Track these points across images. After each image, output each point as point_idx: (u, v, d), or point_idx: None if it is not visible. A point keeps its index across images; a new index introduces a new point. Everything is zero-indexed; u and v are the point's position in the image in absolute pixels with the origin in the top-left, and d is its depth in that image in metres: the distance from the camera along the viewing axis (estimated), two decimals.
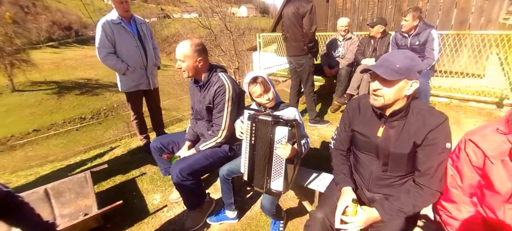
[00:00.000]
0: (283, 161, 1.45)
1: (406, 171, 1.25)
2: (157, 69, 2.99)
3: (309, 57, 3.23)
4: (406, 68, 1.09)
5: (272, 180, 1.50)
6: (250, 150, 1.54)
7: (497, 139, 0.99)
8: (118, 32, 2.52)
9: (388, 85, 1.12)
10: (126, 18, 2.59)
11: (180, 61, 1.74)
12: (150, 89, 2.87)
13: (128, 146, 3.42)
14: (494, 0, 4.01)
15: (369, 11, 5.29)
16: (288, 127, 1.40)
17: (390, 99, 1.15)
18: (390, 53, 1.19)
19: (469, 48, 4.00)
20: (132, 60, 2.63)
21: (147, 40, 2.76)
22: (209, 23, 17.75)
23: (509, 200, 1.00)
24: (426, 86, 3.09)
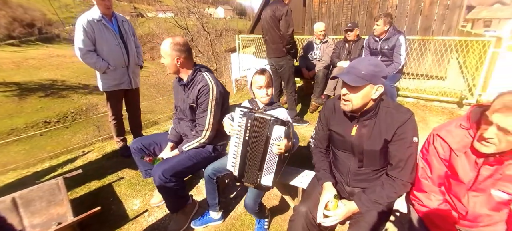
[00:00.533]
0: (276, 158, 1.51)
1: (380, 165, 1.35)
2: (139, 68, 2.94)
3: (289, 58, 3.32)
4: (370, 75, 1.18)
5: (264, 176, 1.55)
6: (244, 146, 1.56)
7: (460, 133, 1.12)
8: (98, 30, 2.44)
9: (355, 90, 1.21)
10: (108, 16, 2.52)
11: (162, 57, 1.77)
12: (132, 88, 2.81)
13: (102, 150, 3.26)
14: (454, 9, 4.41)
15: (343, 16, 5.56)
16: (285, 127, 1.45)
17: (358, 103, 1.23)
18: (357, 60, 1.27)
19: (433, 52, 4.38)
20: (113, 58, 2.56)
21: (129, 38, 2.71)
22: (185, 23, 17.39)
23: (472, 188, 1.13)
24: (392, 89, 3.33)
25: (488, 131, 0.97)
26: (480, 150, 1.02)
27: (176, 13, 18.86)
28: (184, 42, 1.77)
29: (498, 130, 0.94)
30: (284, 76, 3.44)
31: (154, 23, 24.81)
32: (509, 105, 0.91)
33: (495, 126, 0.95)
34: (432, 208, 1.19)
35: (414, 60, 4.44)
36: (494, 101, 0.97)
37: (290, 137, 1.49)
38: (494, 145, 0.98)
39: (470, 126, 1.09)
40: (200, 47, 17.33)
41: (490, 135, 0.96)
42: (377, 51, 3.38)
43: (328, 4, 5.70)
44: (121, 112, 2.90)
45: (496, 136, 0.96)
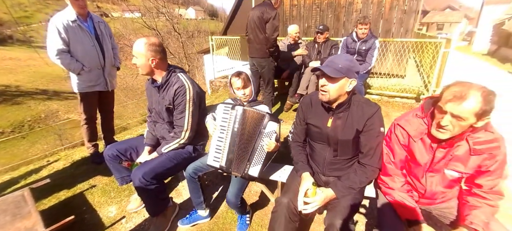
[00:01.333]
0: (265, 152, 1.62)
1: (352, 154, 1.50)
2: (116, 70, 2.87)
3: (271, 60, 3.40)
4: (346, 68, 1.32)
5: (252, 167, 1.64)
6: (232, 137, 1.65)
7: (416, 122, 1.28)
8: (72, 31, 2.37)
9: (332, 81, 1.34)
10: (83, 16, 2.45)
11: (134, 57, 1.72)
12: (107, 90, 2.73)
13: (70, 158, 3.06)
14: (410, 14, 4.87)
15: (313, 19, 5.84)
16: (278, 124, 1.58)
17: (334, 94, 1.36)
18: (334, 56, 1.42)
19: (393, 53, 4.78)
20: (87, 59, 2.49)
21: (105, 39, 2.65)
22: (155, 24, 16.80)
23: (428, 169, 1.30)
24: (361, 87, 3.62)
25: (444, 119, 1.11)
26: (438, 137, 1.18)
27: (144, 13, 18.10)
28: (159, 43, 1.76)
29: (452, 117, 1.10)
30: (264, 76, 3.51)
31: (120, 23, 23.50)
32: (458, 95, 1.07)
33: (449, 114, 1.10)
34: (396, 189, 1.34)
35: (377, 60, 4.81)
36: (443, 93, 1.14)
37: (278, 136, 1.62)
38: (449, 131, 1.13)
39: (424, 115, 1.26)
40: (171, 48, 16.84)
41: (445, 123, 1.11)
42: (354, 51, 3.67)
43: (298, 7, 5.94)
44: (95, 115, 2.78)
45: (450, 123, 1.11)
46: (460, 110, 1.06)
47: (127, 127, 10.31)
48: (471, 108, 1.05)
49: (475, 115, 1.06)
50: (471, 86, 1.07)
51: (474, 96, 1.04)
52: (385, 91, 4.61)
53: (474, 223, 1.17)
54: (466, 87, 1.07)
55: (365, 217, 2.01)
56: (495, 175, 1.20)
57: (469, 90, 1.06)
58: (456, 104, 1.06)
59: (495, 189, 1.21)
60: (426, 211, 1.45)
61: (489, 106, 1.04)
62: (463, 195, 1.32)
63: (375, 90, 4.71)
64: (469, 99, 1.04)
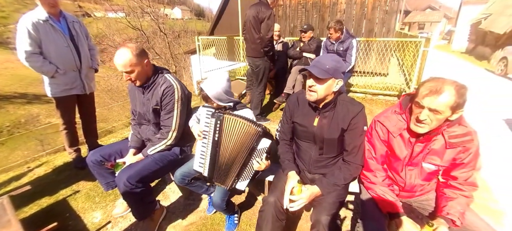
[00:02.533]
0: (255, 168, 1.56)
1: (337, 152, 1.54)
2: (94, 72, 2.74)
3: (265, 59, 3.40)
4: (333, 69, 1.35)
5: (240, 181, 1.61)
6: (213, 146, 1.58)
7: (395, 118, 1.34)
8: (44, 31, 2.24)
9: (320, 82, 1.37)
10: (54, 15, 2.32)
11: (128, 72, 1.63)
12: (85, 93, 2.61)
13: (51, 163, 2.96)
14: (391, 14, 5.04)
15: (298, 19, 5.92)
16: (271, 140, 1.51)
17: (322, 94, 1.39)
18: (322, 57, 1.45)
19: (376, 52, 4.92)
20: (62, 61, 2.36)
21: (81, 40, 2.52)
22: (139, 24, 16.42)
23: (407, 163, 1.36)
24: (343, 87, 3.71)
25: (422, 114, 1.17)
26: (417, 131, 1.22)
27: (129, 13, 17.65)
28: (139, 46, 1.73)
29: (429, 111, 1.15)
30: (258, 76, 3.51)
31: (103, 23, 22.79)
32: (433, 89, 1.12)
33: (427, 109, 1.15)
34: (377, 184, 1.39)
35: (361, 59, 4.95)
36: (420, 89, 1.19)
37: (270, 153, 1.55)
38: (427, 124, 1.18)
39: (403, 112, 1.32)
40: (157, 49, 16.52)
41: (424, 117, 1.17)
42: (334, 52, 3.75)
43: (284, 7, 6.01)
44: (73, 120, 2.66)
45: (428, 117, 1.16)
46: (436, 104, 1.11)
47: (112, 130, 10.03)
48: (446, 101, 1.10)
49: (450, 108, 1.12)
50: (445, 81, 1.13)
51: (448, 90, 1.10)
52: (369, 89, 4.74)
53: (450, 213, 1.23)
54: (440, 82, 1.13)
55: (352, 213, 2.06)
56: (469, 167, 1.27)
57: (443, 84, 1.11)
58: (433, 98, 1.12)
59: (469, 181, 1.28)
60: (406, 204, 1.51)
61: (462, 99, 1.11)
62: (440, 187, 1.38)
63: (359, 88, 4.84)
64: (444, 93, 1.10)
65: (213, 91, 1.59)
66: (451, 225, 1.21)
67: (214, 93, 1.59)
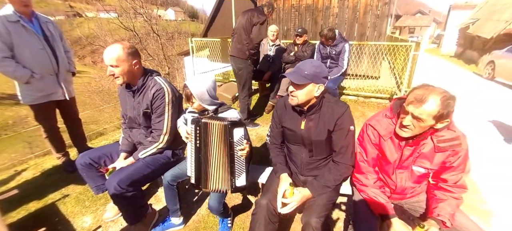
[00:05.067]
0: (243, 159, 1.56)
1: (327, 153, 1.55)
2: (71, 75, 2.58)
3: (249, 63, 3.39)
4: (312, 75, 1.36)
5: (237, 178, 1.58)
6: (196, 153, 1.56)
7: (386, 122, 1.36)
8: (16, 32, 2.06)
9: (299, 88, 1.38)
10: (26, 15, 2.13)
11: (113, 66, 1.60)
12: (65, 99, 2.46)
13: (40, 167, 2.88)
14: (383, 18, 5.13)
15: (292, 22, 5.97)
16: (243, 127, 1.51)
17: (302, 99, 1.40)
18: (302, 62, 1.45)
19: (368, 55, 5.00)
20: (37, 65, 2.20)
21: (56, 41, 2.36)
22: (132, 25, 16.26)
23: (398, 166, 1.38)
24: (335, 90, 3.75)
25: (406, 119, 1.20)
26: (400, 135, 1.26)
27: (121, 13, 17.45)
28: (133, 46, 1.71)
29: (412, 118, 1.18)
30: (240, 79, 3.50)
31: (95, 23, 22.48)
32: (418, 98, 1.14)
33: (410, 115, 1.18)
34: (369, 186, 1.41)
35: (353, 62, 5.02)
36: (408, 95, 1.21)
37: (248, 137, 1.58)
38: (410, 130, 1.21)
39: (393, 116, 1.34)
40: (150, 50, 16.39)
41: (407, 123, 1.19)
42: (327, 55, 3.79)
43: (277, 10, 6.04)
44: (55, 125, 2.52)
45: (411, 123, 1.19)
46: (419, 112, 1.14)
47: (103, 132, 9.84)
48: (429, 111, 1.12)
49: (433, 117, 1.14)
50: (433, 90, 1.14)
51: (433, 100, 1.11)
52: (361, 92, 4.80)
53: (441, 215, 1.25)
54: (428, 91, 1.14)
55: (344, 214, 2.08)
56: (459, 170, 1.29)
57: (430, 94, 1.13)
58: (416, 106, 1.14)
59: (459, 183, 1.30)
60: (398, 206, 1.53)
61: (446, 110, 1.12)
62: (431, 189, 1.40)
63: (352, 91, 4.90)
64: (428, 102, 1.12)
65: (197, 90, 1.57)
66: (441, 226, 1.23)
67: (197, 92, 1.57)
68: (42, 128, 2.46)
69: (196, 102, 1.59)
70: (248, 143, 1.56)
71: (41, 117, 2.39)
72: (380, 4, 5.05)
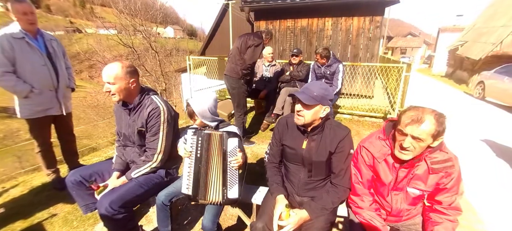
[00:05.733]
0: (236, 170, 1.60)
1: (325, 174, 1.56)
2: (71, 91, 2.64)
3: (242, 82, 3.44)
4: (321, 96, 1.40)
5: (229, 189, 1.60)
6: (196, 163, 1.60)
7: (379, 144, 1.37)
8: (20, 48, 2.14)
9: (308, 108, 1.41)
10: (31, 32, 2.23)
11: (110, 83, 1.62)
12: (62, 114, 2.49)
13: (28, 184, 2.80)
14: (374, 40, 5.31)
15: (287, 42, 6.14)
16: (237, 137, 1.58)
17: (309, 119, 1.43)
18: (311, 83, 1.51)
19: (361, 75, 5.12)
20: (38, 80, 2.26)
21: (58, 58, 2.44)
22: (131, 42, 16.45)
23: (393, 188, 1.38)
24: (330, 109, 3.81)
25: (406, 141, 1.21)
26: (402, 158, 1.26)
27: (121, 30, 17.72)
28: (132, 64, 1.74)
29: (412, 139, 1.19)
30: (234, 98, 3.54)
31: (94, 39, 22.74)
32: (415, 119, 1.17)
33: (410, 136, 1.19)
34: (364, 208, 1.40)
35: (347, 82, 5.12)
36: (401, 117, 1.23)
37: (242, 147, 1.62)
38: (411, 152, 1.22)
39: (386, 138, 1.36)
40: (148, 66, 16.48)
41: (407, 144, 1.20)
42: (322, 75, 3.88)
43: (274, 31, 6.22)
44: (49, 141, 2.52)
45: (411, 144, 1.20)
46: (419, 132, 1.16)
47: (96, 147, 9.69)
48: (427, 130, 1.15)
49: (432, 136, 1.16)
50: (424, 110, 1.18)
51: (429, 119, 1.15)
52: (355, 111, 4.87)
53: None
54: (420, 111, 1.18)
55: None
56: (452, 192, 1.30)
57: (423, 114, 1.16)
58: (415, 126, 1.16)
59: (453, 205, 1.31)
60: (394, 229, 1.51)
61: (441, 127, 1.16)
62: (426, 211, 1.40)
63: (347, 109, 4.97)
64: (425, 121, 1.15)
65: (199, 108, 1.67)
66: None
67: (199, 110, 1.67)
68: (36, 142, 2.45)
69: (198, 119, 1.69)
70: (242, 155, 1.60)
71: (36, 131, 2.40)
72: (372, 27, 5.24)
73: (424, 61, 33.17)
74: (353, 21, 5.37)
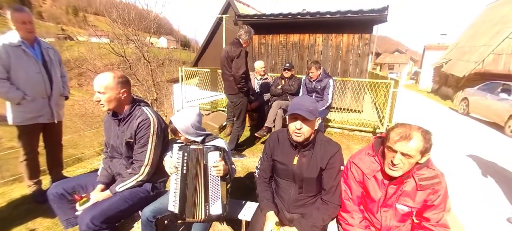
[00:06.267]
0: (218, 184, 1.55)
1: (316, 191, 1.54)
2: (64, 99, 2.66)
3: (241, 96, 3.43)
4: (315, 110, 1.43)
5: (211, 205, 1.54)
6: (182, 180, 1.56)
7: (368, 160, 1.38)
8: (15, 56, 2.17)
9: (308, 123, 1.42)
10: (29, 41, 2.27)
11: (100, 93, 1.60)
12: (53, 122, 2.48)
13: (7, 196, 2.66)
14: (363, 57, 5.47)
15: (279, 57, 6.25)
16: (219, 151, 1.54)
17: (308, 134, 1.45)
18: (300, 99, 1.52)
19: (351, 90, 5.23)
20: (31, 87, 2.27)
21: (54, 66, 2.46)
22: (123, 51, 16.33)
23: (382, 205, 1.38)
24: (321, 123, 3.86)
25: (396, 158, 1.22)
26: (392, 175, 1.27)
27: (113, 39, 17.58)
28: (124, 75, 1.72)
29: (402, 155, 1.21)
30: (236, 111, 3.54)
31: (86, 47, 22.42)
32: (404, 135, 1.19)
33: (400, 153, 1.21)
34: (355, 226, 1.39)
35: (338, 96, 5.22)
36: (390, 134, 1.25)
37: (226, 161, 1.58)
38: (401, 168, 1.24)
39: (375, 154, 1.37)
40: (139, 76, 16.32)
41: (397, 161, 1.22)
42: (313, 89, 3.95)
43: (266, 45, 6.33)
44: (37, 149, 2.48)
45: (401, 161, 1.22)
46: (407, 148, 1.18)
47: (82, 158, 9.37)
48: (416, 146, 1.18)
49: (420, 152, 1.19)
50: (411, 127, 1.21)
51: (416, 136, 1.18)
52: (345, 125, 4.94)
53: None
54: (407, 128, 1.21)
55: None
56: (440, 209, 1.31)
57: (411, 131, 1.19)
58: (404, 143, 1.18)
59: (441, 222, 1.31)
60: None
61: (428, 143, 1.19)
62: (415, 228, 1.40)
63: (337, 123, 5.03)
64: (413, 138, 1.18)
65: (182, 124, 1.63)
66: None
67: (182, 126, 1.63)
68: (23, 150, 2.41)
69: (182, 136, 1.65)
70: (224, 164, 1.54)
71: (25, 139, 2.38)
72: (361, 44, 5.41)
73: (411, 77, 34.31)
74: (343, 38, 5.53)
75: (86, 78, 21.99)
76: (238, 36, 3.32)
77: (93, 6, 77.11)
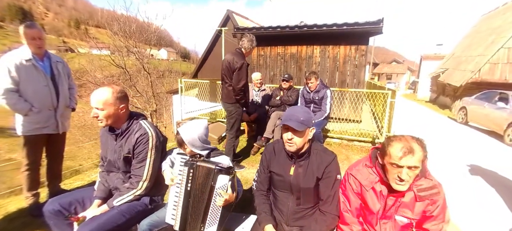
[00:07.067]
0: (220, 209, 1.48)
1: (314, 202, 1.54)
2: (71, 111, 2.75)
3: (237, 106, 3.44)
4: (307, 120, 1.43)
5: (206, 228, 1.49)
6: (185, 197, 1.51)
7: (366, 171, 1.38)
8: (25, 70, 2.27)
9: (299, 134, 1.43)
10: (39, 55, 2.38)
11: (98, 109, 1.59)
12: (58, 133, 2.55)
13: (3, 209, 2.63)
14: (360, 68, 5.54)
15: (277, 68, 6.32)
16: (230, 175, 1.48)
17: (300, 144, 1.45)
18: (293, 110, 1.51)
19: (349, 100, 5.27)
20: (38, 100, 2.37)
21: (62, 79, 2.56)
22: (124, 63, 16.47)
23: (381, 217, 1.37)
24: (319, 133, 3.87)
25: (403, 173, 1.21)
26: (400, 189, 1.26)
27: (114, 51, 17.77)
28: (123, 90, 1.73)
29: (408, 169, 1.21)
30: (230, 120, 3.53)
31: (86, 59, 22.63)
32: (407, 150, 1.19)
33: (406, 168, 1.20)
34: None
35: (336, 106, 5.25)
36: (389, 150, 1.23)
37: (234, 187, 1.53)
38: (407, 182, 1.24)
39: (373, 165, 1.37)
40: (139, 87, 16.41)
41: (405, 176, 1.21)
42: (311, 100, 3.98)
43: (264, 57, 6.41)
44: (40, 160, 2.52)
45: (407, 174, 1.22)
46: (413, 161, 1.19)
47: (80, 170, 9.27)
48: (419, 157, 1.20)
49: (421, 161, 1.21)
50: (406, 138, 1.23)
51: (416, 147, 1.19)
52: (344, 135, 4.95)
53: None
54: (406, 141, 1.21)
55: None
56: (439, 220, 1.30)
57: (410, 143, 1.20)
58: (410, 157, 1.19)
59: None
60: None
61: (425, 151, 1.21)
62: None
63: (336, 133, 5.04)
64: (416, 150, 1.19)
65: (188, 137, 1.61)
66: None
67: (189, 139, 1.60)
68: (26, 160, 2.44)
69: (188, 148, 1.62)
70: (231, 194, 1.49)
71: (29, 148, 2.42)
72: (357, 55, 5.49)
73: (409, 86, 34.55)
74: (340, 49, 5.62)
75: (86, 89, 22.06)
76: (240, 46, 3.34)
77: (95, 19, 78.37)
